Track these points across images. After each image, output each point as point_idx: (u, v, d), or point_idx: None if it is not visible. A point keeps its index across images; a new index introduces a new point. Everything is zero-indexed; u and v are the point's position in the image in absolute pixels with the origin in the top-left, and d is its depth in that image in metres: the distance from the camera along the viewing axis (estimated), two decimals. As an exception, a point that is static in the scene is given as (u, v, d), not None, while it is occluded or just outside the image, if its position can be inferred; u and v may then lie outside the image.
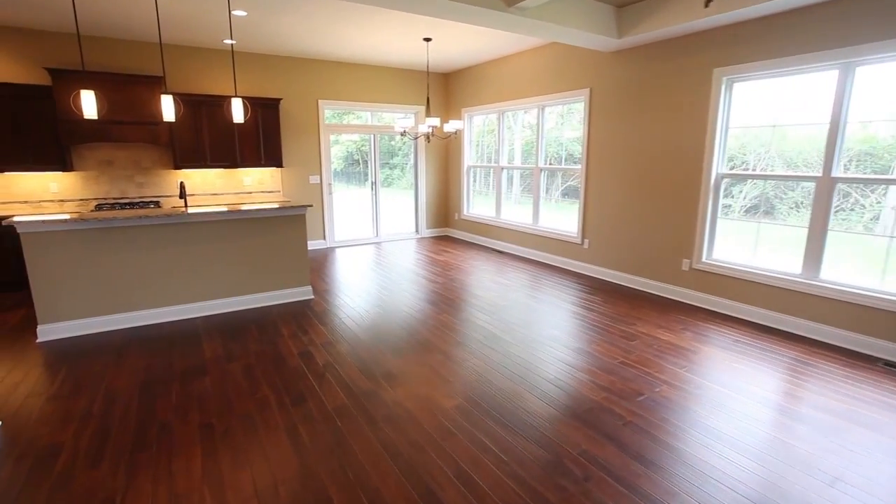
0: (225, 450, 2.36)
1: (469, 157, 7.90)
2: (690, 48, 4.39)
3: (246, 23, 4.98)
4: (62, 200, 5.61)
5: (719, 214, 4.44)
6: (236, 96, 4.16)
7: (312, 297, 4.82)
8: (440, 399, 2.85)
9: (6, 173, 5.27)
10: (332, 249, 7.31)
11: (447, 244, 7.72)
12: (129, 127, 5.36)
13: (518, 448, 2.38)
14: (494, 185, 7.38)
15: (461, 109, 7.74)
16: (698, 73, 4.35)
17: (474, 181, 7.98)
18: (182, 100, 5.71)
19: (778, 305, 4.00)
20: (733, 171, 4.32)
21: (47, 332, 3.78)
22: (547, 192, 6.52)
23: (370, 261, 6.53)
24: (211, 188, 6.39)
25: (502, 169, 7.16)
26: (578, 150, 5.91)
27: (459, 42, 5.81)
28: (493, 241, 7.43)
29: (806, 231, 3.81)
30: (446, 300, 4.75)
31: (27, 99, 5.00)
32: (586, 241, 5.78)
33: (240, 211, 4.18)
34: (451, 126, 5.79)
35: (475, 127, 7.78)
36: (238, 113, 4.19)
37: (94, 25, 5.03)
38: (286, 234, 4.55)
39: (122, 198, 5.89)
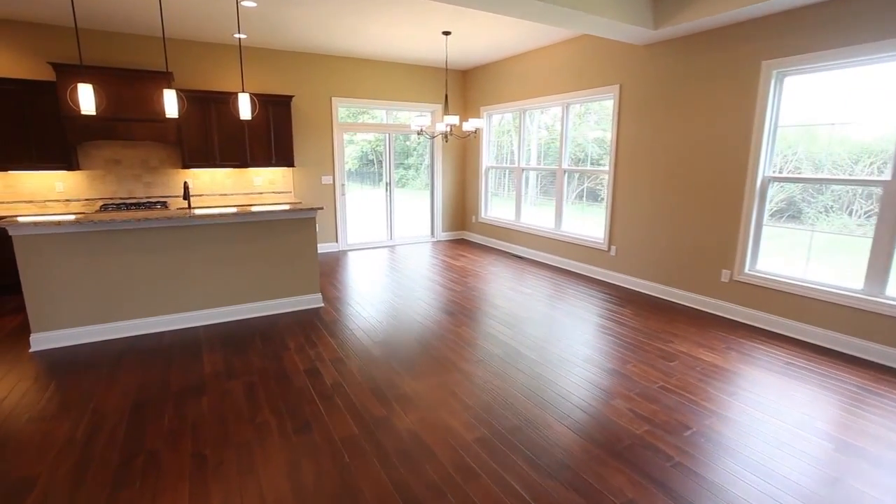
0: (216, 488, 2.07)
1: (487, 158, 7.57)
2: (735, 40, 4.01)
3: (256, 15, 4.73)
4: (68, 200, 5.43)
5: (765, 221, 4.04)
6: (244, 91, 3.90)
7: (322, 305, 4.54)
8: (460, 429, 2.54)
9: (10, 172, 5.11)
10: (344, 253, 7.05)
11: (464, 248, 7.41)
12: (135, 124, 5.16)
13: (553, 495, 2.05)
14: (514, 186, 7.04)
15: (480, 108, 7.41)
16: (744, 66, 3.96)
17: (493, 183, 7.64)
18: (190, 96, 5.49)
19: (836, 324, 3.59)
20: (782, 175, 3.92)
21: (41, 341, 3.56)
22: (567, 194, 6.16)
23: (384, 265, 6.25)
24: (220, 188, 6.17)
25: (522, 170, 6.82)
26: (605, 150, 5.55)
27: (480, 36, 5.49)
28: (512, 245, 7.09)
29: (870, 242, 3.40)
30: (464, 310, 4.43)
31: (31, 95, 4.82)
32: (613, 247, 5.41)
33: (246, 213, 3.92)
34: (470, 125, 5.47)
35: (494, 126, 7.45)
36: (245, 109, 3.93)
37: (99, 19, 4.83)
38: (295, 238, 4.29)
39: (129, 198, 5.70)
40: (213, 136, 5.72)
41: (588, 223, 5.92)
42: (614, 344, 3.67)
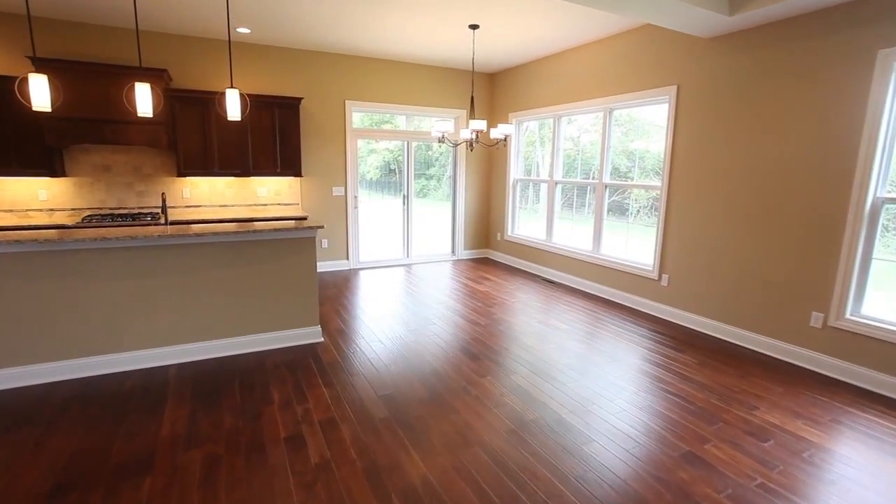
0: None
1: (516, 169, 6.84)
2: (839, 25, 3.21)
3: (262, 7, 4.15)
4: (52, 210, 4.92)
5: (875, 254, 3.19)
6: (232, 87, 3.28)
7: (321, 339, 3.86)
8: (485, 553, 1.78)
9: (-13, 178, 4.63)
10: (355, 272, 6.39)
11: (488, 269, 6.66)
12: (124, 127, 4.62)
13: None
14: (546, 201, 6.28)
15: (508, 114, 6.71)
16: (851, 59, 3.16)
17: (521, 197, 6.90)
18: (187, 97, 4.94)
19: (984, 396, 2.72)
20: (900, 196, 3.08)
21: (-20, 381, 2.96)
22: (583, 207, 5.36)
23: (398, 288, 5.55)
24: (220, 199, 5.60)
25: (556, 184, 6.06)
26: (658, 161, 4.76)
27: (511, 31, 4.80)
28: (542, 267, 6.31)
29: None
30: (488, 351, 3.68)
31: (7, 93, 4.32)
32: (665, 276, 4.59)
33: (230, 232, 3.27)
34: (498, 131, 4.77)
35: (525, 134, 6.73)
36: (233, 108, 3.31)
37: (83, 9, 4.32)
38: (290, 261, 3.62)
39: (119, 208, 5.16)
40: (213, 142, 5.16)
41: (632, 245, 5.11)
42: (681, 409, 2.87)
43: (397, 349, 3.71)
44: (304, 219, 5.53)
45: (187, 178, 5.35)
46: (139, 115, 3.09)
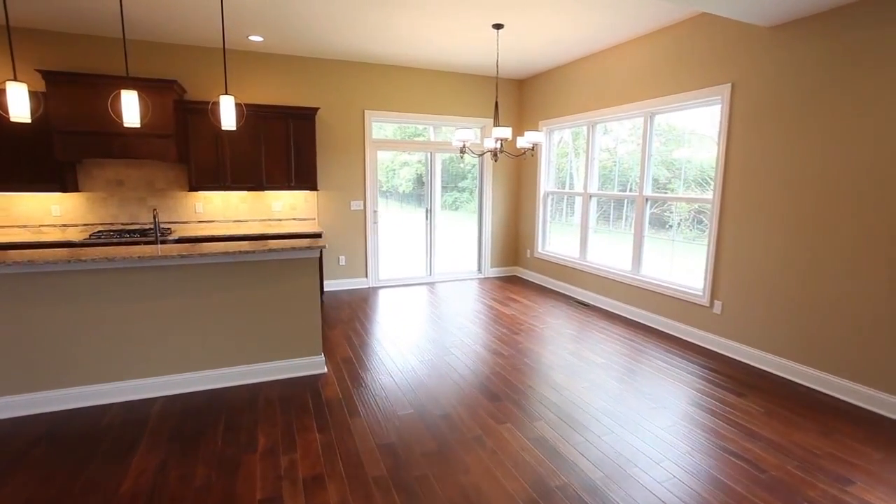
0: None
1: (547, 181, 6.35)
2: (941, 3, 2.61)
3: (273, 13, 3.91)
4: (64, 226, 4.82)
5: None
6: (226, 94, 3.00)
7: (324, 371, 3.48)
8: None
9: (2, 193, 4.56)
10: (374, 291, 6.04)
11: (516, 289, 6.16)
12: (132, 140, 4.46)
13: None
14: (580, 216, 5.75)
15: (538, 122, 6.25)
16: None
17: (555, 210, 6.39)
18: (199, 109, 4.76)
19: None
20: None
21: (-47, 413, 2.74)
22: (620, 220, 4.78)
23: (416, 310, 5.14)
24: (234, 214, 5.39)
25: (591, 196, 5.53)
26: (702, 171, 4.18)
27: (538, 31, 4.37)
28: (574, 288, 5.76)
29: None
30: (509, 388, 3.20)
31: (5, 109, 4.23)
32: (718, 303, 3.98)
33: (222, 253, 2.96)
34: (526, 139, 4.32)
35: (557, 144, 6.24)
36: (228, 116, 3.02)
37: (92, 23, 4.21)
38: (290, 284, 3.28)
39: (131, 223, 5.02)
40: (225, 155, 4.95)
41: (677, 264, 4.51)
42: (748, 478, 2.29)
43: (407, 385, 3.28)
44: (319, 235, 5.24)
45: (200, 192, 5.17)
46: (125, 125, 2.84)
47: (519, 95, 6.62)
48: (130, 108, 2.83)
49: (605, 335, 4.33)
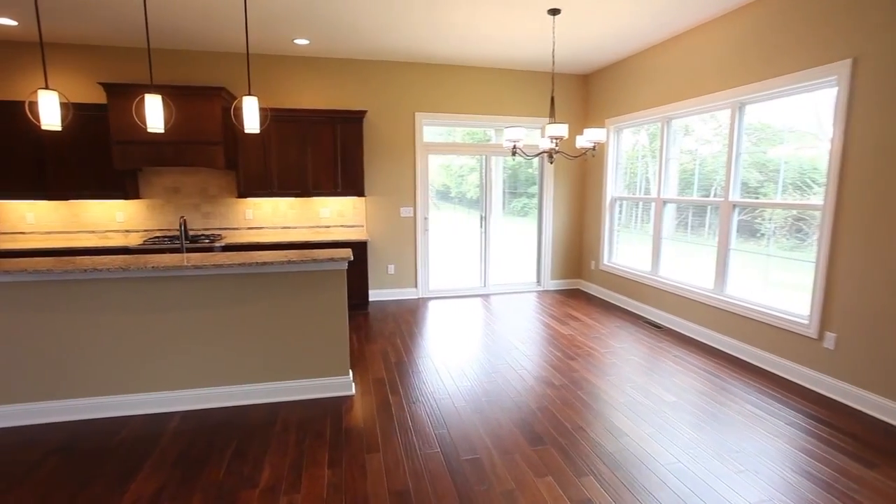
0: None
1: (614, 185, 5.70)
2: None
3: (317, 15, 3.75)
4: (127, 231, 5.01)
5: None
6: (250, 94, 2.82)
7: (352, 393, 3.19)
8: None
9: (73, 201, 4.82)
10: (423, 302, 5.73)
11: (577, 305, 5.56)
12: (183, 147, 4.51)
13: None
14: (652, 224, 5.05)
15: (605, 121, 5.63)
16: None
17: (628, 216, 5.72)
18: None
19: None
20: None
21: (-14, 417, 2.77)
22: (702, 228, 4.01)
23: (464, 326, 4.74)
24: (282, 221, 5.34)
25: (664, 203, 4.83)
26: (803, 171, 3.39)
27: (600, 13, 3.83)
28: (645, 306, 5.06)
29: None
30: (556, 428, 2.70)
31: (86, 120, 4.44)
32: (831, 335, 3.18)
33: (237, 265, 2.77)
34: (586, 138, 3.78)
35: (626, 142, 5.58)
36: (252, 118, 2.84)
37: (149, 36, 4.31)
38: (315, 297, 3.03)
39: (187, 229, 5.10)
40: (272, 160, 4.90)
41: (772, 281, 3.73)
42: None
43: (439, 416, 2.90)
44: (365, 244, 5.04)
45: (249, 199, 5.17)
46: (149, 129, 2.74)
47: (583, 92, 6.03)
48: (154, 113, 2.73)
49: (680, 366, 3.65)
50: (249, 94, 2.81)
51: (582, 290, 6.32)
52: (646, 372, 3.54)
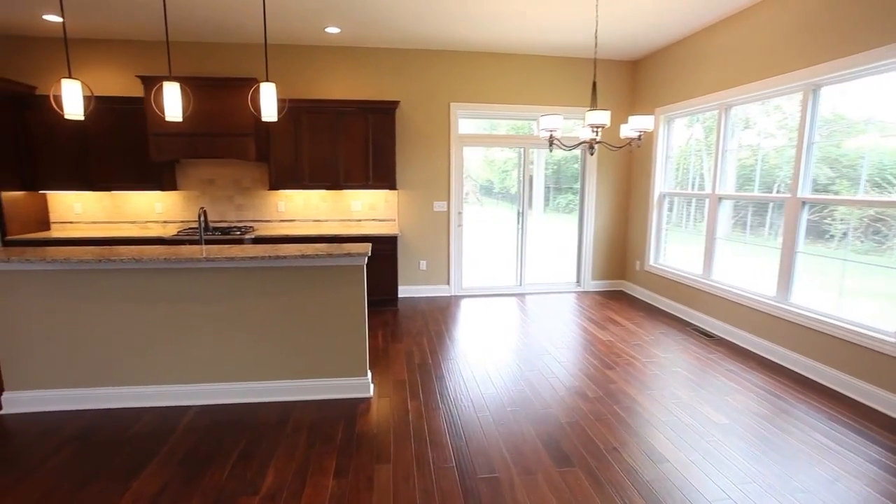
0: None
1: (663, 180, 5.25)
2: None
3: (350, 2, 3.63)
4: (166, 222, 5.11)
5: None
6: (267, 80, 2.70)
7: (370, 395, 3.04)
8: None
9: (115, 192, 4.95)
10: (455, 300, 5.52)
11: (619, 308, 5.18)
12: (217, 139, 4.52)
13: None
14: (706, 223, 4.60)
15: (654, 110, 5.19)
16: None
17: (678, 214, 5.27)
18: (279, 107, 4.69)
19: None
20: None
21: (14, 401, 2.82)
22: (762, 227, 3.52)
23: (496, 327, 4.50)
24: (314, 213, 5.28)
25: (720, 199, 4.38)
26: (891, 167, 2.90)
27: (656, -14, 3.46)
28: (695, 312, 4.62)
29: None
30: (588, 450, 2.42)
31: (126, 113, 4.53)
32: (922, 354, 2.70)
33: (248, 258, 2.67)
34: (632, 126, 3.43)
35: (678, 134, 5.13)
36: (269, 106, 2.72)
37: (185, 29, 4.32)
38: (331, 294, 2.89)
39: (220, 221, 5.16)
40: (303, 152, 4.84)
41: (848, 290, 3.25)
42: None
43: (458, 426, 2.69)
44: (395, 238, 4.89)
45: (281, 191, 5.14)
46: (167, 119, 2.68)
47: (631, 80, 5.60)
48: (173, 102, 2.66)
49: (734, 382, 3.26)
50: (267, 81, 2.69)
51: (625, 292, 5.91)
52: (693, 387, 3.17)
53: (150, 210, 5.08)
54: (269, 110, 2.72)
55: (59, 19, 4.23)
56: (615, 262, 6.00)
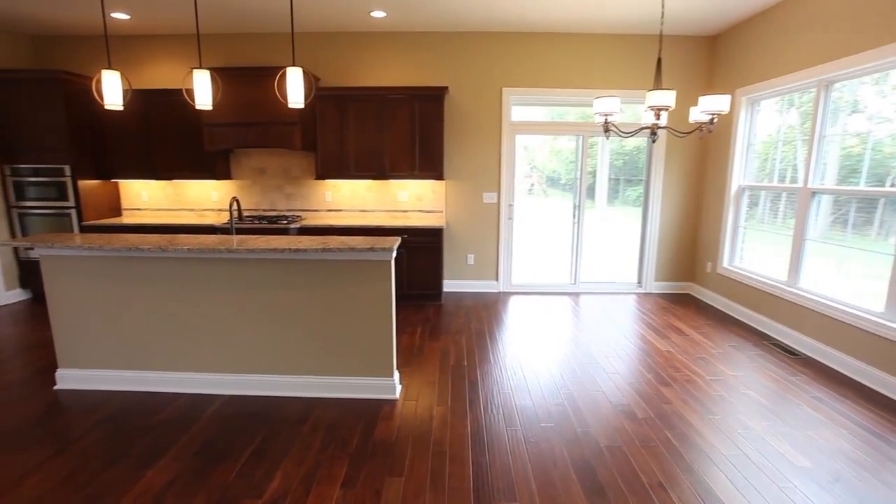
0: None
1: (742, 171, 4.61)
2: None
3: None
4: (220, 210, 5.29)
5: None
6: (294, 65, 2.59)
7: (395, 396, 2.88)
8: None
9: (176, 181, 5.18)
10: (503, 297, 5.25)
11: (685, 314, 4.65)
12: (264, 128, 4.55)
13: None
14: (795, 220, 3.96)
15: (735, 91, 4.55)
16: None
17: (754, 212, 4.62)
18: (325, 95, 4.65)
19: None
20: None
21: (65, 378, 2.98)
22: (869, 227, 2.86)
23: (544, 329, 4.19)
24: (360, 204, 5.22)
25: (814, 194, 3.73)
26: None
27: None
28: (776, 325, 4.01)
29: None
30: (630, 487, 2.09)
31: (182, 105, 4.68)
32: None
33: (270, 250, 2.58)
34: (702, 108, 2.95)
35: (763, 118, 4.46)
36: (296, 91, 2.60)
37: (232, 21, 4.36)
38: (358, 289, 2.75)
39: (270, 210, 5.25)
40: (349, 141, 4.76)
41: None
42: None
43: (483, 440, 2.46)
44: (440, 231, 4.71)
45: (328, 180, 5.12)
46: (197, 107, 2.65)
47: (708, 58, 4.95)
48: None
49: (822, 414, 2.73)
50: (294, 65, 2.57)
51: (692, 295, 5.31)
52: (767, 415, 2.70)
53: (206, 198, 5.27)
54: (295, 96, 2.60)
55: (127, 17, 4.43)
56: (682, 262, 5.41)
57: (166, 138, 4.83)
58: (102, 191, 5.04)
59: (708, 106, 2.87)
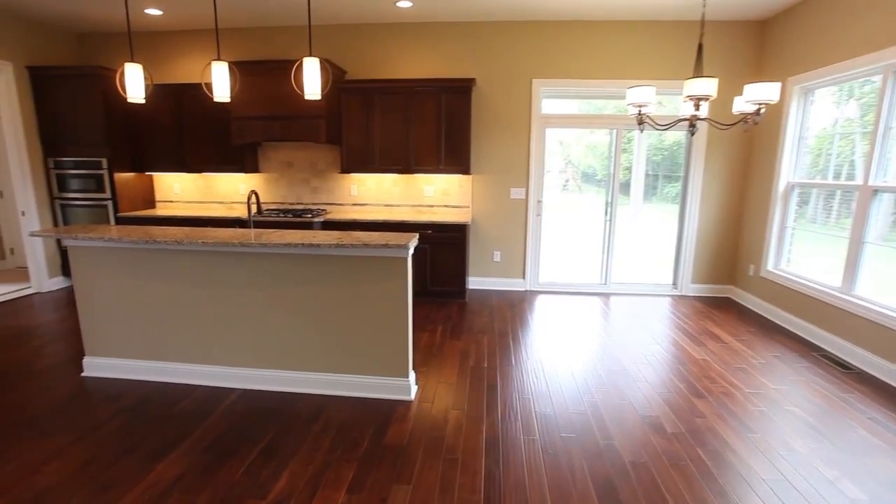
0: None
1: (793, 167, 4.26)
2: None
3: None
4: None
5: None
6: (311, 56, 2.52)
7: (410, 398, 2.80)
8: None
9: (206, 174, 5.27)
10: (530, 296, 5.09)
11: (724, 319, 4.36)
12: (289, 122, 4.54)
13: None
14: (852, 221, 3.62)
15: (787, 80, 4.20)
16: None
17: (806, 211, 4.27)
18: (351, 88, 4.60)
19: None
20: None
21: (91, 366, 3.05)
22: None
23: (570, 331, 4.02)
24: (386, 198, 5.16)
25: (875, 192, 3.39)
26: None
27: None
28: (827, 335, 3.69)
29: None
30: (652, 507, 1.93)
31: (209, 99, 4.72)
32: None
33: (283, 245, 2.53)
34: (748, 97, 2.70)
35: (818, 109, 4.10)
36: (312, 82, 2.54)
37: (258, 14, 4.35)
38: (373, 287, 2.68)
39: (296, 203, 5.27)
40: (374, 135, 4.70)
41: None
42: None
43: (498, 449, 2.34)
44: (465, 227, 4.59)
45: (353, 174, 5.08)
46: (215, 99, 2.63)
47: (757, 45, 4.60)
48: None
49: (880, 438, 2.46)
50: (310, 55, 2.51)
51: (732, 300, 4.99)
52: (815, 437, 2.45)
53: (234, 191, 5.33)
54: (312, 87, 2.54)
55: (160, 12, 4.50)
56: (722, 264, 5.09)
57: (197, 132, 4.91)
58: (137, 183, 5.18)
59: (755, 95, 2.62)
